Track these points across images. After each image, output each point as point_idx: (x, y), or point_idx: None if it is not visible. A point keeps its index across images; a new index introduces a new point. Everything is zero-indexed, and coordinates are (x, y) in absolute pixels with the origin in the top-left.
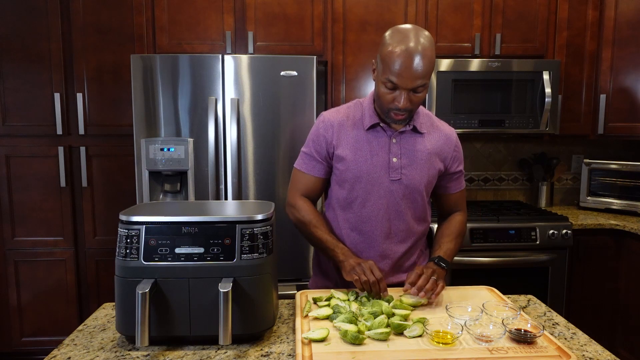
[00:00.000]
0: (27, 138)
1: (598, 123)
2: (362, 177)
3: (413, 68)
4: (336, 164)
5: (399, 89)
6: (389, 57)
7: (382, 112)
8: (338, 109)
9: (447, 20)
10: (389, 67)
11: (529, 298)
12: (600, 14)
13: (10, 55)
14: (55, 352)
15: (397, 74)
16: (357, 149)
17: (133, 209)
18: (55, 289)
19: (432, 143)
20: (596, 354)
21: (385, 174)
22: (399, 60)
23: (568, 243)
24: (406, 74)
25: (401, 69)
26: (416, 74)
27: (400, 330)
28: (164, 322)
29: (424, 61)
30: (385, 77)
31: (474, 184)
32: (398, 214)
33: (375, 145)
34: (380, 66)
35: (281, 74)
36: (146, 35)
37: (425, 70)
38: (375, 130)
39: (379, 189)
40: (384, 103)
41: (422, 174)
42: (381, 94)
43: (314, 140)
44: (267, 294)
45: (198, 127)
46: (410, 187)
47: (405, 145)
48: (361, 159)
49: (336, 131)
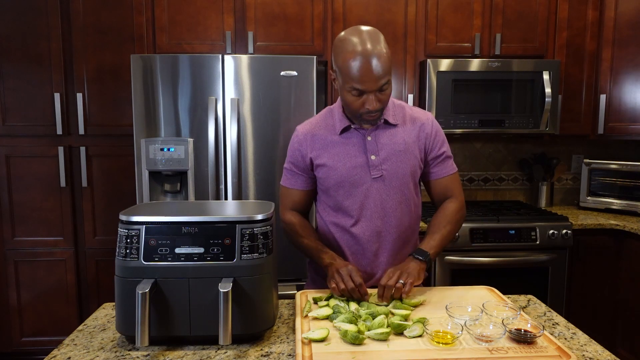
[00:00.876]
0: (27, 138)
1: (598, 123)
2: (344, 182)
3: (373, 71)
4: (317, 173)
5: (366, 93)
6: (348, 67)
7: (354, 118)
8: (310, 121)
9: (447, 20)
10: (350, 76)
11: (529, 298)
12: (600, 14)
13: (10, 55)
14: (55, 352)
15: (360, 81)
16: (333, 154)
17: (133, 209)
18: (55, 289)
19: (408, 133)
20: (596, 354)
21: (366, 174)
22: (357, 67)
23: (568, 243)
24: (368, 78)
25: (363, 75)
26: (378, 75)
27: (400, 330)
28: (164, 322)
29: (381, 60)
30: (349, 86)
31: (474, 184)
32: (386, 210)
33: (351, 147)
34: (341, 77)
35: (281, 74)
36: (146, 35)
37: (385, 68)
38: (349, 132)
39: (363, 190)
40: (354, 110)
41: (404, 165)
42: (349, 102)
43: (291, 155)
44: (267, 294)
45: (198, 127)
46: (393, 181)
47: (381, 141)
48: (339, 164)
49: (310, 142)
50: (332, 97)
